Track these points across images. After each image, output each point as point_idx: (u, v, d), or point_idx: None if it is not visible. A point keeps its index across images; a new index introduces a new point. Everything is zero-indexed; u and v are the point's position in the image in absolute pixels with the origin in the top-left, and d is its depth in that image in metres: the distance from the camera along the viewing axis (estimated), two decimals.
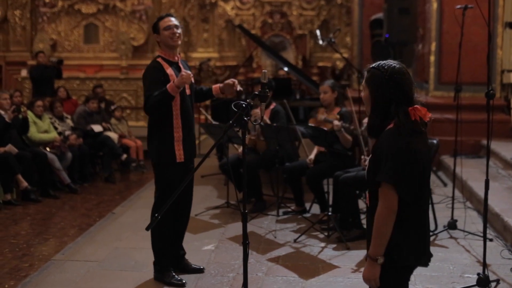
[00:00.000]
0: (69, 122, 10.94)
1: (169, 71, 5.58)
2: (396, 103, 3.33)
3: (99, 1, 16.56)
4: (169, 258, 5.84)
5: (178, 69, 5.66)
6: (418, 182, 3.33)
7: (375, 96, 3.38)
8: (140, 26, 16.54)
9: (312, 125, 7.61)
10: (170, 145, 5.59)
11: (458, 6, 7.36)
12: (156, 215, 3.95)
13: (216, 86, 5.95)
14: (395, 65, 3.38)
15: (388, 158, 3.25)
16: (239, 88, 5.73)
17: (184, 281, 5.70)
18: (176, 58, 5.72)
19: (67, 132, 10.47)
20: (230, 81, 5.79)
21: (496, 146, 9.78)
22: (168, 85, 5.44)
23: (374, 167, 3.35)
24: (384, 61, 3.42)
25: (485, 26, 5.79)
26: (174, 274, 5.74)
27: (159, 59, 5.65)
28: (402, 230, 3.32)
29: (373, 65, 3.43)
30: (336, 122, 7.20)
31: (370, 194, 3.46)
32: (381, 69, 3.37)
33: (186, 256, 6.08)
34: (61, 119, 10.73)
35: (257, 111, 4.04)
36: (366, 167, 3.48)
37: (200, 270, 6.01)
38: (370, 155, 3.46)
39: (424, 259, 3.46)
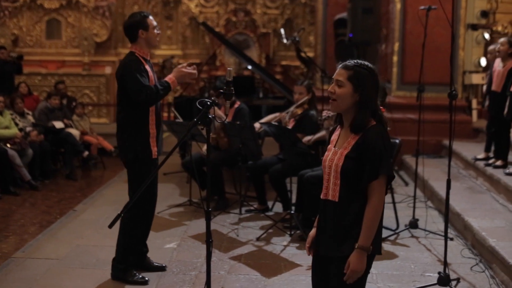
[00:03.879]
0: (30, 118, 10.80)
1: (147, 67, 5.58)
2: (377, 101, 3.46)
3: None
4: (135, 256, 5.80)
5: (151, 67, 5.68)
6: None
7: (362, 93, 3.39)
8: (103, 22, 16.41)
9: (275, 123, 7.63)
10: (146, 141, 5.57)
11: (422, 7, 7.44)
12: (119, 213, 3.92)
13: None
14: (372, 65, 3.48)
15: (383, 153, 3.34)
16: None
17: (147, 279, 5.67)
18: (149, 56, 5.71)
19: (28, 128, 10.32)
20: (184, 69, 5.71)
21: (458, 146, 9.89)
22: (170, 81, 5.54)
23: (358, 163, 3.36)
24: (360, 60, 3.47)
25: (448, 27, 5.86)
26: (136, 272, 5.70)
27: (136, 55, 5.60)
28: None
29: (354, 63, 3.44)
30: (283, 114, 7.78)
31: (341, 189, 3.43)
32: (367, 69, 3.42)
33: (148, 254, 6.04)
34: (22, 115, 10.58)
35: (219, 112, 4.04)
36: (341, 163, 3.41)
37: (162, 268, 5.99)
38: (349, 150, 3.41)
39: None
